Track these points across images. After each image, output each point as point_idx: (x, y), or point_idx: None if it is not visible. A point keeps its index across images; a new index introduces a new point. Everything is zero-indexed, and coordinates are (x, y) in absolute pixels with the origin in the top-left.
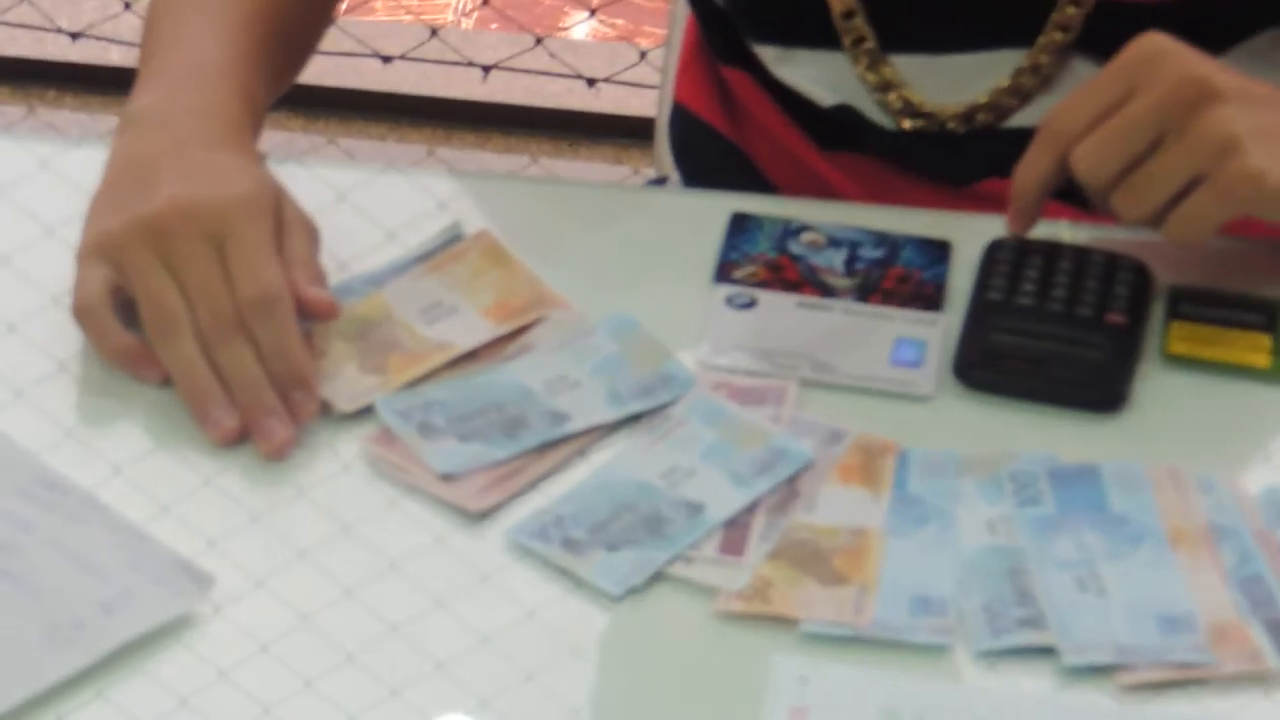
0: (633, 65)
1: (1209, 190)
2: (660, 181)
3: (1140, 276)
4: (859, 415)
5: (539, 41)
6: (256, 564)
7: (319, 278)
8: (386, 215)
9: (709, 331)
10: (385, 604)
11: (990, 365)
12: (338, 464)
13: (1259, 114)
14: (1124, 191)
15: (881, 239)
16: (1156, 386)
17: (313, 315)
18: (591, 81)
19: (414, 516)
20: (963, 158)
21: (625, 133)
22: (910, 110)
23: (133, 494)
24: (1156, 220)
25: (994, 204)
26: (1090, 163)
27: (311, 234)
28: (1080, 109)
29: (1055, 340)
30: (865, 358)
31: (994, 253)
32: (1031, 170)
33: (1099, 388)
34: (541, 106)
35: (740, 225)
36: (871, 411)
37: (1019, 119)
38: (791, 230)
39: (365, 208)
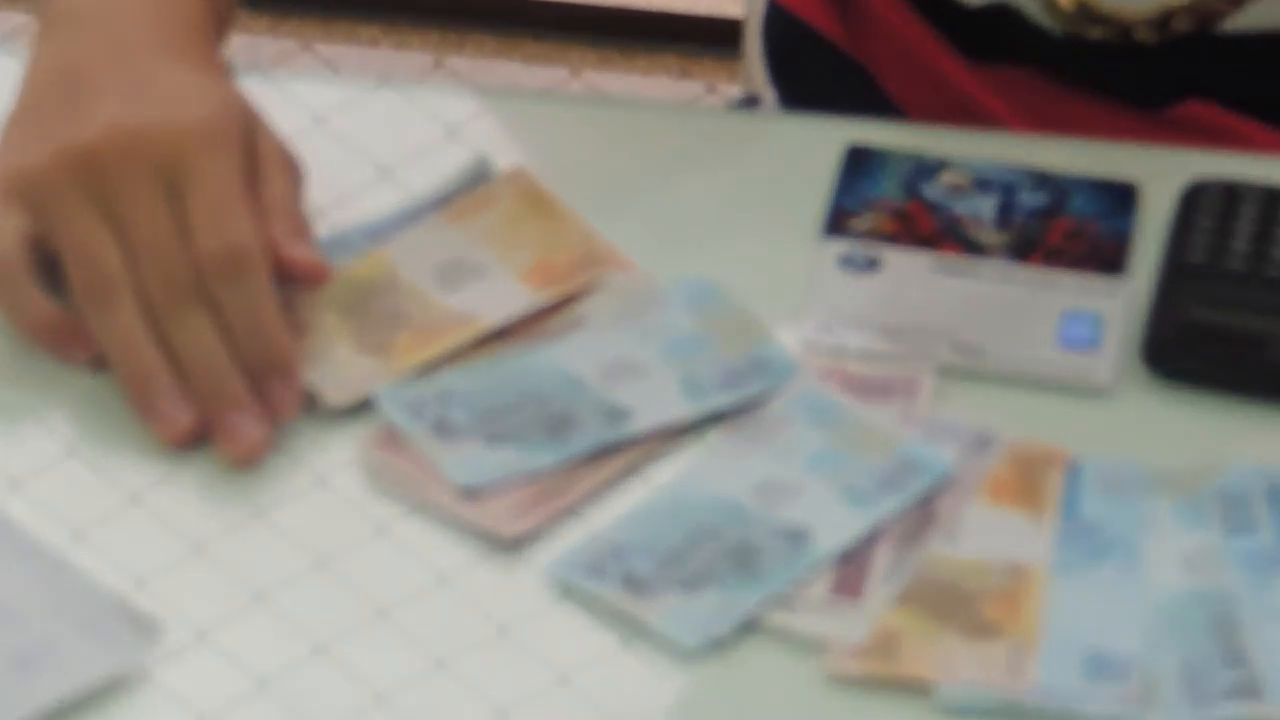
0: None
1: None
2: (749, 103)
3: None
4: (1015, 414)
5: None
6: (201, 610)
7: (302, 230)
8: (379, 146)
9: (817, 302)
10: (376, 665)
11: (1190, 348)
12: (322, 474)
13: None
14: None
15: (1045, 180)
16: None
17: (295, 279)
18: None
19: (421, 546)
20: (1155, 74)
21: (696, 38)
22: (1086, 12)
23: (36, 516)
24: None
25: (1196, 134)
26: None
27: (293, 174)
28: None
29: (1277, 315)
30: (1023, 338)
31: (1195, 199)
32: None
33: None
34: (584, 2)
35: (859, 162)
36: (1032, 409)
37: (1231, 24)
38: (926, 168)
39: (350, 136)
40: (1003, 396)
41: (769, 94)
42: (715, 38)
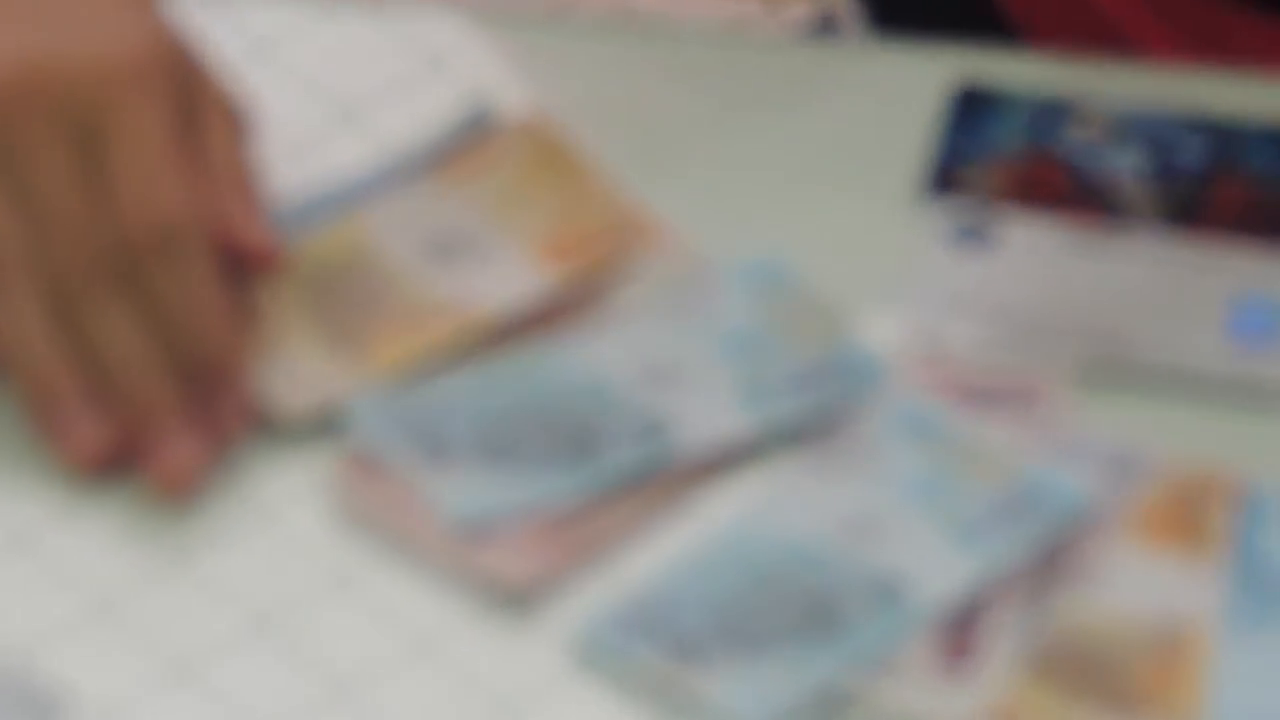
0: None
1: None
2: (825, 26)
3: None
4: (1172, 427)
5: None
6: (112, 683)
7: (250, 197)
8: (348, 85)
9: (916, 286)
10: None
11: None
12: (273, 508)
13: None
14: None
15: (1212, 128)
16: None
17: (241, 264)
18: None
19: (401, 599)
20: None
21: None
22: None
23: None
24: None
25: None
26: None
27: (239, 125)
28: None
29: None
30: (1182, 329)
31: None
32: None
33: None
34: None
35: (970, 104)
36: (1193, 421)
37: None
38: (1057, 112)
39: (311, 72)
40: (1155, 405)
41: (851, 13)
42: None
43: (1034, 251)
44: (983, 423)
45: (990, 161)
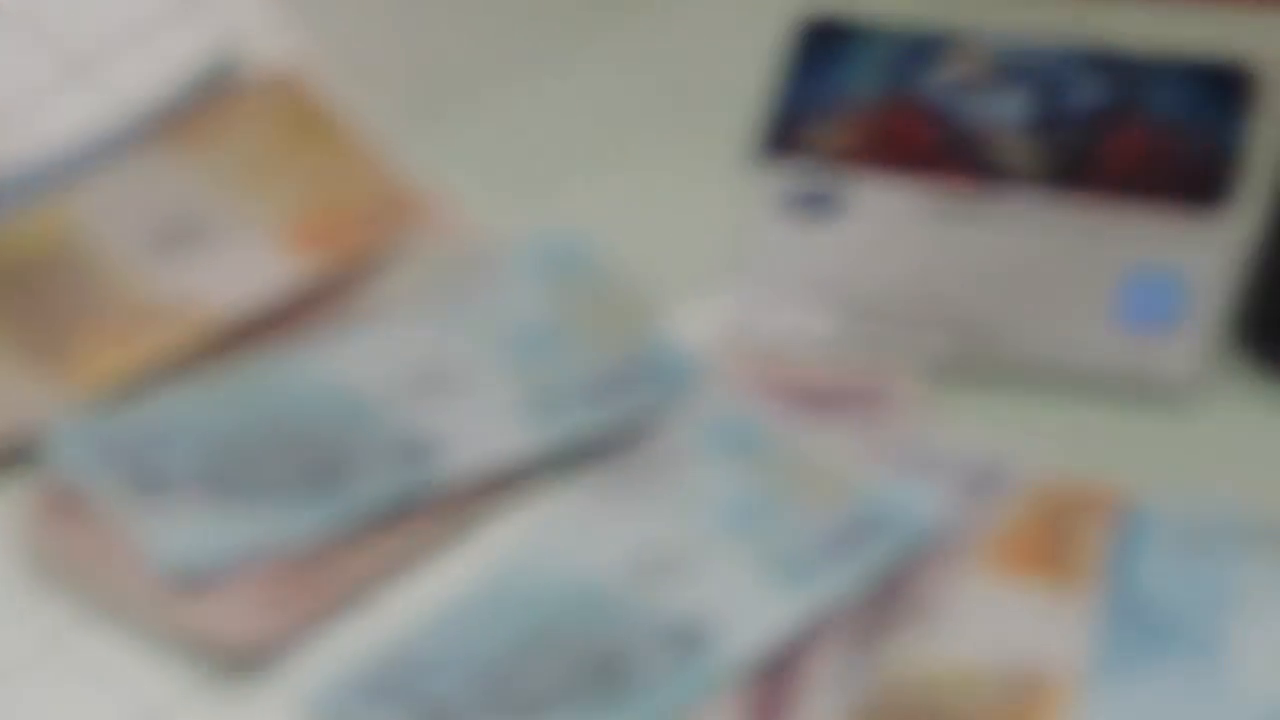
0: None
1: None
2: None
3: None
4: (1043, 433)
5: None
6: None
7: None
8: (72, 28)
9: (745, 265)
10: None
11: None
12: None
13: None
14: None
15: (1108, 64)
16: None
17: None
18: None
19: (108, 667)
20: None
21: None
22: None
23: None
24: None
25: None
26: None
27: None
28: None
29: None
30: (1060, 313)
31: None
32: None
33: None
34: None
35: (821, 44)
36: (1069, 424)
37: None
38: (923, 48)
39: (28, 11)
40: (1023, 406)
41: None
42: None
43: (887, 221)
44: (815, 433)
45: (840, 112)
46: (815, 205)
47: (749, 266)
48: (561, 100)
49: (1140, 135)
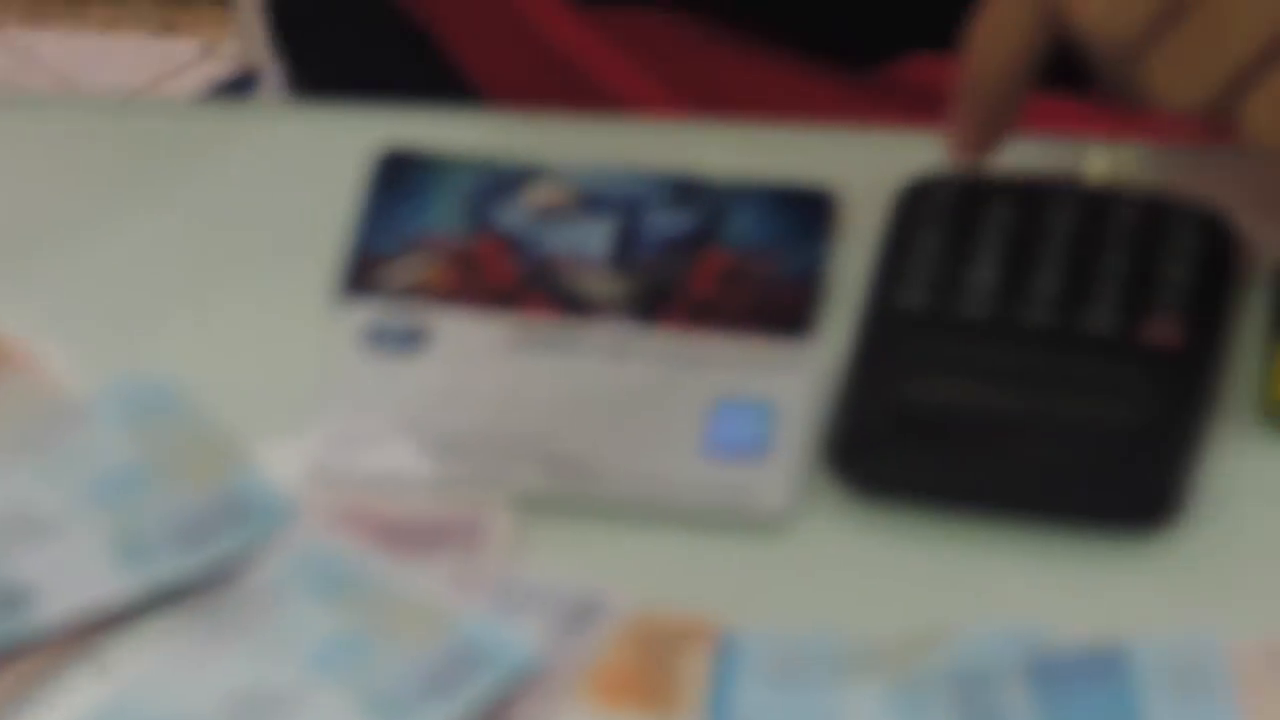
0: None
1: None
2: (241, 85)
3: (1214, 243)
4: (639, 565)
5: None
6: None
7: None
8: None
9: (331, 401)
10: None
11: (900, 445)
12: None
13: None
14: (1167, 49)
15: (689, 191)
16: (1251, 471)
17: None
18: None
19: None
20: (867, 12)
21: None
22: None
23: None
24: (1229, 101)
25: (921, 108)
26: (1107, 7)
27: None
28: None
29: (1036, 388)
30: (650, 444)
31: (915, 206)
32: (995, 37)
33: (1125, 482)
34: None
35: (400, 177)
36: (666, 556)
37: None
38: (504, 182)
39: None
40: (621, 538)
41: (275, 68)
42: None
43: (469, 355)
44: (409, 569)
45: (420, 247)
46: (397, 341)
47: (334, 405)
48: (145, 246)
49: (723, 263)
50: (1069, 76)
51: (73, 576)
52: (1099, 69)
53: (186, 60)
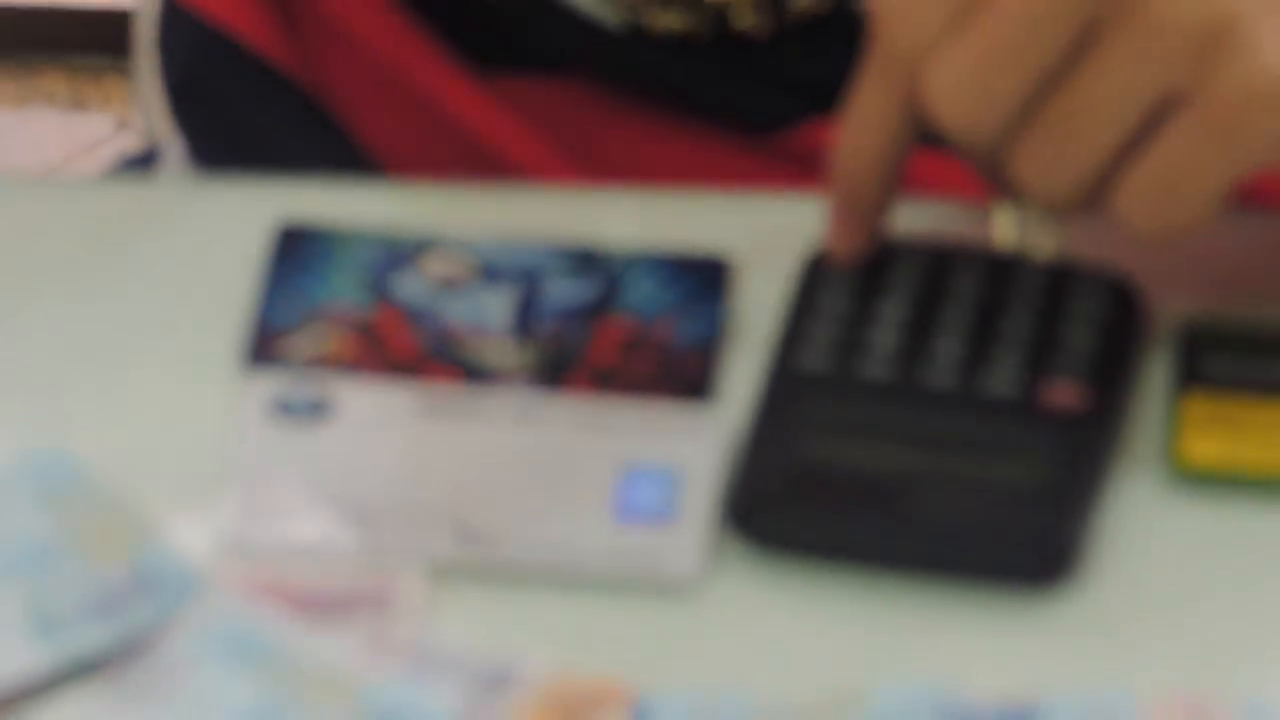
0: None
1: (1193, 122)
2: (144, 161)
3: (1119, 308)
4: (552, 629)
5: None
6: None
7: None
8: None
9: (237, 473)
10: None
11: (797, 505)
12: None
13: None
14: (1031, 146)
15: (588, 261)
16: (1159, 525)
17: None
18: None
19: None
20: (765, 81)
21: (97, 44)
22: None
23: None
24: (1095, 194)
25: (817, 172)
26: (963, 100)
27: None
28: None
29: (934, 450)
30: (558, 512)
31: (821, 269)
32: (859, 131)
33: (1019, 541)
34: None
35: (295, 251)
36: (579, 620)
37: None
38: (402, 253)
39: None
40: (533, 605)
41: (174, 145)
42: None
43: (373, 424)
44: (324, 638)
45: (320, 318)
46: (301, 411)
47: (241, 476)
48: (53, 321)
49: (623, 330)
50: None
51: None
52: (975, 168)
53: (100, 136)
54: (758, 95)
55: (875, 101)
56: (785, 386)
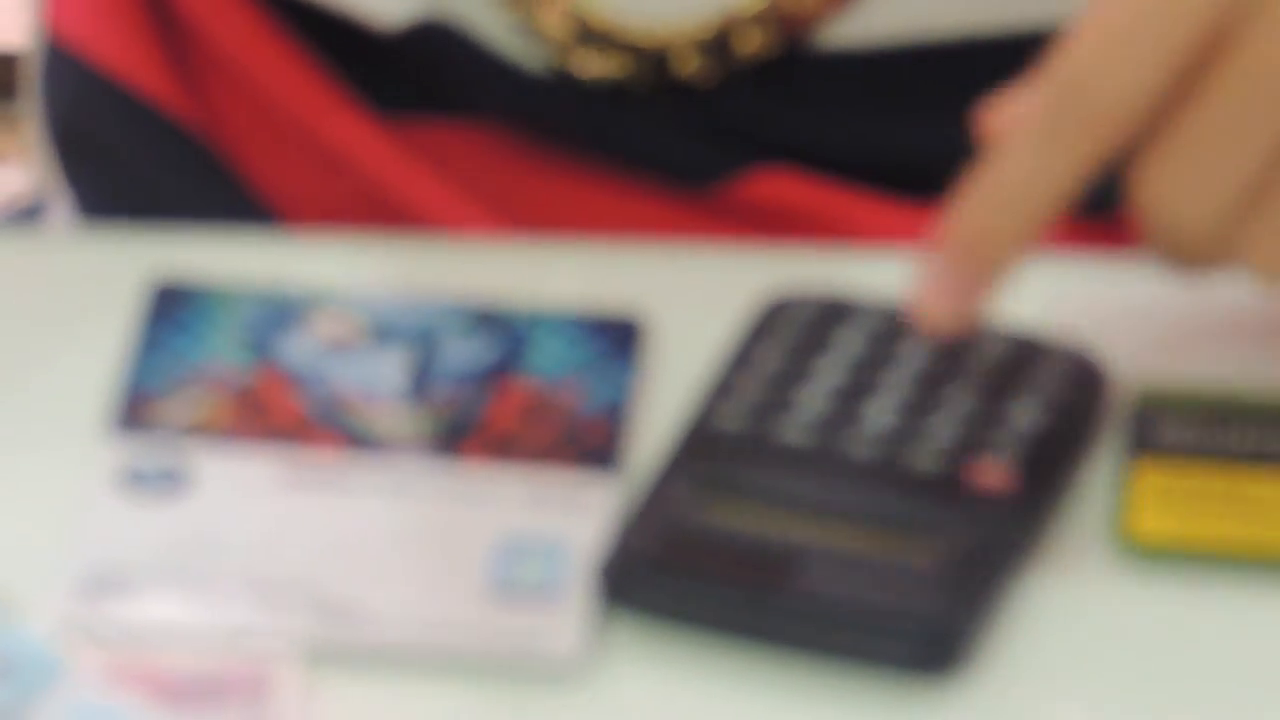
0: None
1: None
2: (31, 212)
3: (1077, 388)
4: (437, 712)
5: None
6: None
7: None
8: None
9: (94, 549)
10: None
11: (672, 572)
12: None
13: None
14: (1263, 236)
15: (489, 320)
16: (1103, 600)
17: None
18: None
19: None
20: (704, 131)
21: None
22: (586, 33)
23: None
24: None
25: (766, 222)
26: (1183, 189)
27: None
28: (1144, 57)
29: (840, 525)
30: (433, 588)
31: (766, 325)
32: (1020, 185)
33: (907, 628)
34: None
35: (174, 309)
36: (453, 706)
37: (826, 38)
38: (288, 311)
39: None
40: (407, 687)
41: (62, 196)
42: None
43: (238, 496)
44: None
45: (195, 382)
46: (159, 482)
47: (95, 552)
48: None
49: (525, 395)
50: None
51: None
52: (1166, 261)
53: (12, 188)
54: (695, 145)
55: (1048, 158)
56: (695, 444)
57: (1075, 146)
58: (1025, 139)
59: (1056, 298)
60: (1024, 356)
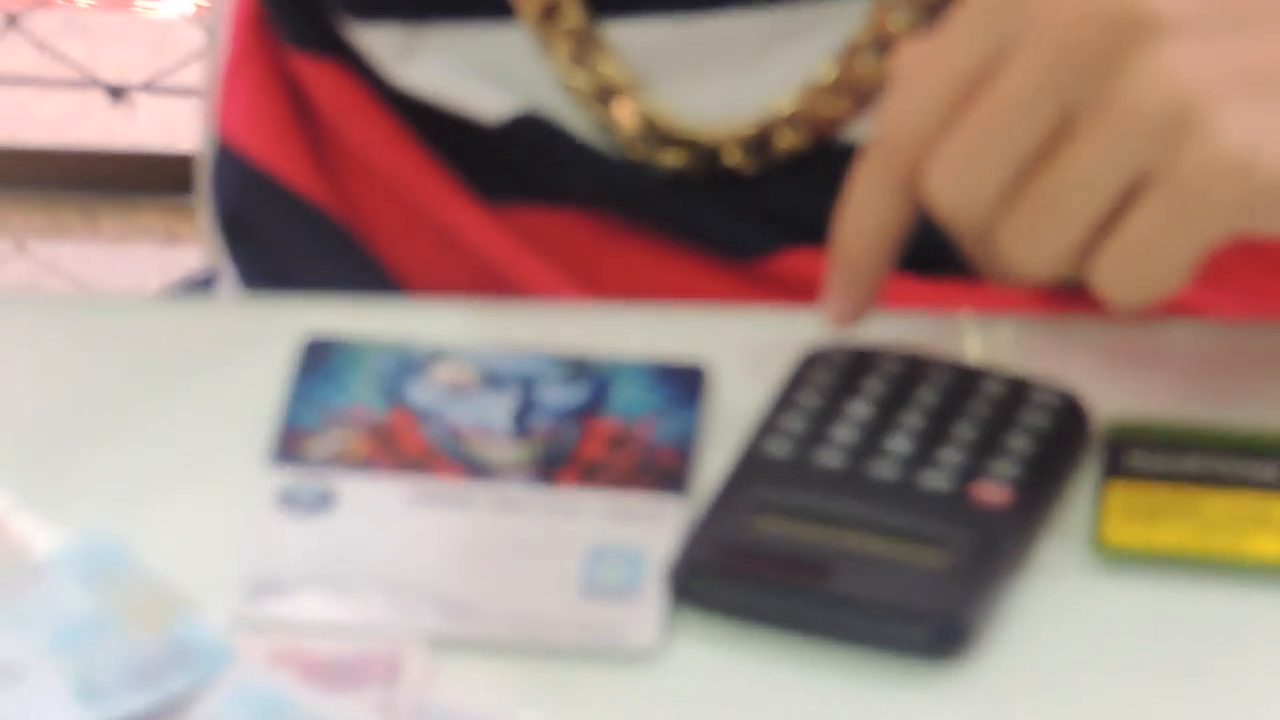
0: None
1: (1161, 199)
2: (205, 283)
3: (1063, 421)
4: (540, 693)
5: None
6: None
7: None
8: None
9: (255, 557)
10: None
11: (731, 575)
12: None
13: (1230, 43)
14: (1016, 224)
15: (579, 369)
16: (1078, 601)
17: None
18: (119, 91)
19: None
20: (750, 212)
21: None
22: (655, 132)
23: None
24: (1076, 267)
25: (798, 293)
26: (955, 184)
27: None
28: (923, 96)
29: (868, 534)
30: (532, 588)
31: (807, 371)
32: (860, 213)
33: (925, 619)
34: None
35: (319, 360)
36: (559, 685)
37: (853, 133)
38: (413, 363)
39: None
40: (521, 670)
41: (228, 270)
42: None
43: (374, 512)
44: (336, 700)
45: (342, 421)
46: (310, 503)
47: (258, 560)
48: (110, 427)
49: (610, 430)
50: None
51: (36, 717)
52: (965, 249)
53: (191, 265)
54: (743, 225)
55: (876, 186)
56: (748, 469)
57: (889, 171)
58: (857, 179)
59: (1047, 348)
60: (1019, 396)
